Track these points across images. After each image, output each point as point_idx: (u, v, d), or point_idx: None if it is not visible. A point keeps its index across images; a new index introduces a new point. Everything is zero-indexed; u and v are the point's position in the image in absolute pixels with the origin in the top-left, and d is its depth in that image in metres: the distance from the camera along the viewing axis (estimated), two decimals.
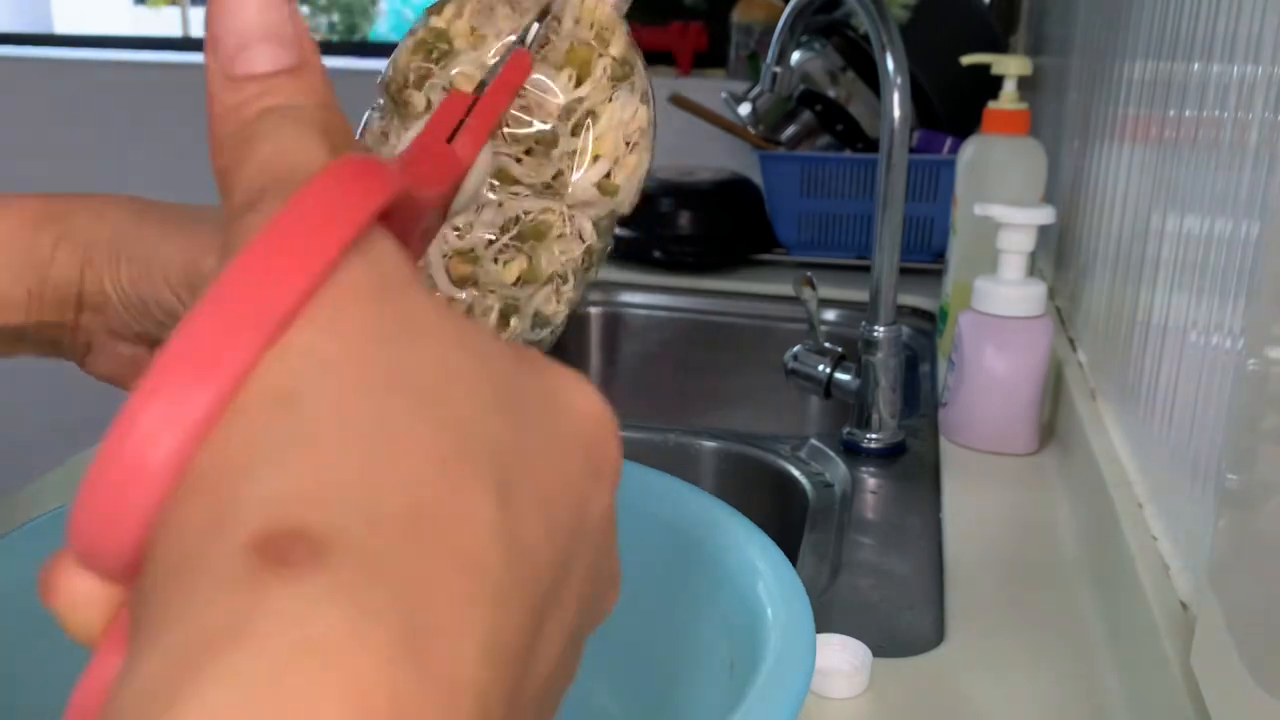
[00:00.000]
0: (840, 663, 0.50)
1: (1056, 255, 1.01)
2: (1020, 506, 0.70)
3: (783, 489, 0.78)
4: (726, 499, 0.44)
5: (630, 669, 0.45)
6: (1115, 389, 0.69)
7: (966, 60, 0.91)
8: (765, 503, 0.78)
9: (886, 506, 0.71)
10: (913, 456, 0.78)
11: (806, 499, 0.74)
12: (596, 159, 0.38)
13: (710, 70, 1.74)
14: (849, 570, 0.62)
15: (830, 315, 1.12)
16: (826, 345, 0.84)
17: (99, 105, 1.94)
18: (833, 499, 0.73)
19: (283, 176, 0.19)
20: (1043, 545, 0.65)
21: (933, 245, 1.21)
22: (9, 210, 0.36)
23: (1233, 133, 0.48)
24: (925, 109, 1.28)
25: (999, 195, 0.84)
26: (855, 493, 0.72)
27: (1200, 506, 0.47)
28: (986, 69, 0.89)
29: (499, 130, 0.36)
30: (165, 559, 0.15)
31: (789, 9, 0.83)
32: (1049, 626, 0.56)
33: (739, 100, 1.39)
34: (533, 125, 0.37)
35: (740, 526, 0.42)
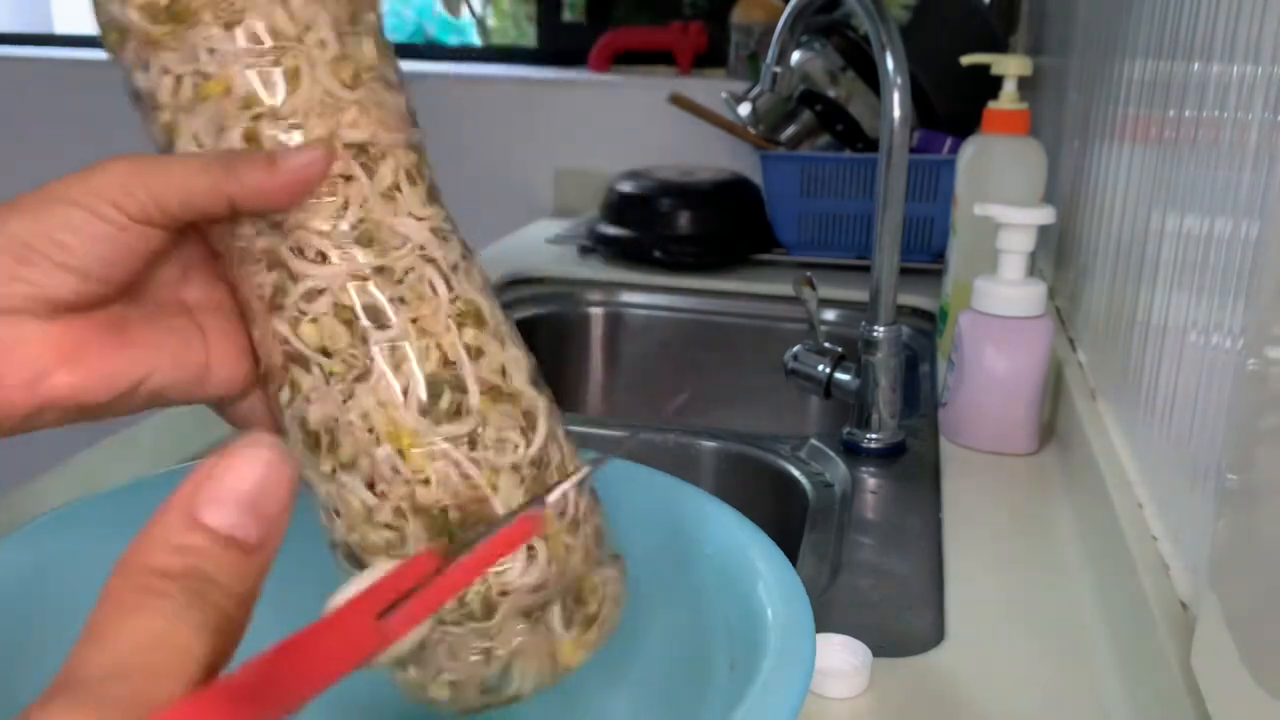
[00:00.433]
0: (840, 663, 0.50)
1: (1056, 255, 1.01)
2: (1020, 506, 0.70)
3: (783, 489, 0.78)
4: (726, 499, 0.44)
5: (631, 668, 0.45)
6: (1115, 389, 0.69)
7: (966, 60, 0.91)
8: (765, 503, 0.78)
9: (886, 506, 0.71)
10: (913, 456, 0.78)
11: (806, 499, 0.74)
12: None
13: (710, 70, 1.74)
14: (849, 570, 0.62)
15: (830, 315, 1.12)
16: (826, 345, 0.84)
17: (99, 105, 1.94)
18: (833, 499, 0.73)
19: (136, 674, 0.19)
20: (1043, 545, 0.65)
21: (933, 245, 1.21)
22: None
23: (1233, 133, 0.48)
24: (925, 109, 1.28)
25: (999, 195, 0.84)
26: (855, 493, 0.72)
27: (1200, 506, 0.47)
28: (986, 69, 0.89)
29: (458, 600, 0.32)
30: None
31: (789, 9, 0.83)
32: (1049, 626, 0.56)
33: (739, 100, 1.39)
34: None
35: (740, 527, 0.42)
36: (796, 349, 0.85)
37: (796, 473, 0.77)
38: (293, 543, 0.34)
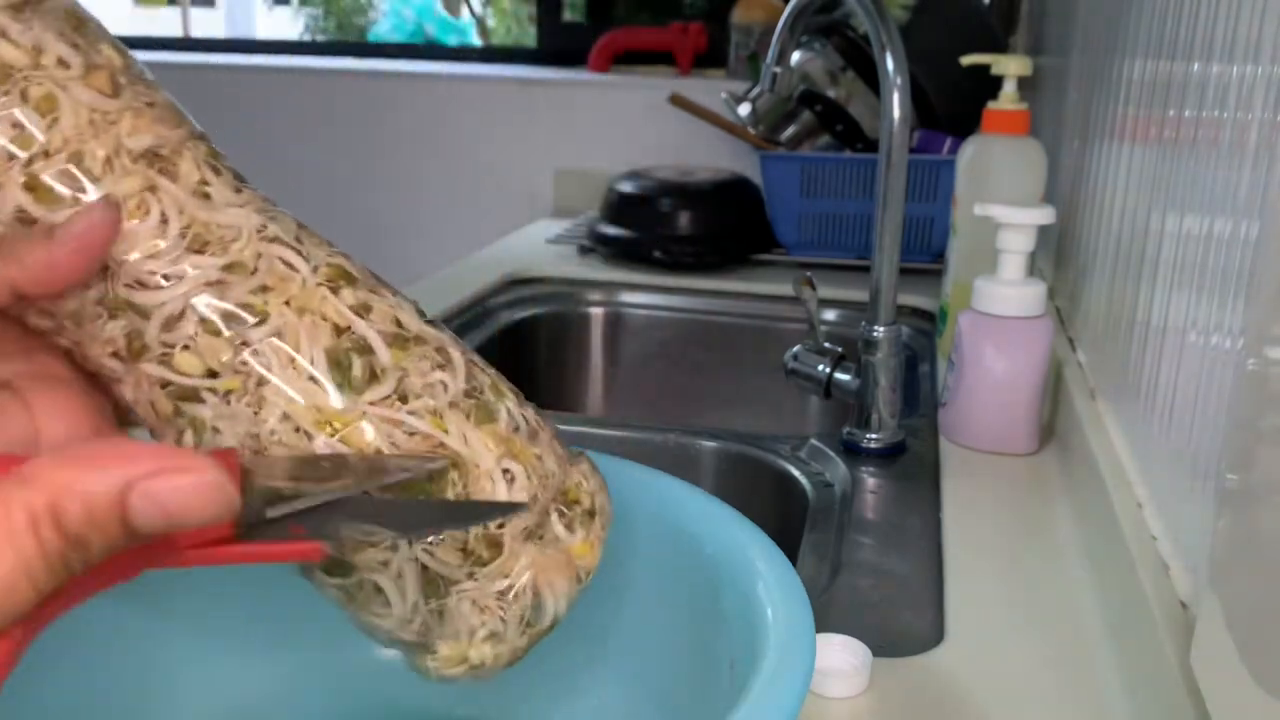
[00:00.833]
0: (840, 663, 0.50)
1: (1056, 255, 1.01)
2: (1020, 506, 0.70)
3: (783, 489, 0.78)
4: (726, 499, 0.44)
5: (632, 667, 0.45)
6: (1115, 389, 0.69)
7: (966, 60, 0.91)
8: (765, 503, 0.78)
9: (886, 506, 0.71)
10: (913, 456, 0.78)
11: (806, 499, 0.74)
12: None
13: (710, 70, 1.75)
14: (849, 570, 0.62)
15: (830, 315, 1.12)
16: (826, 345, 0.84)
17: None
18: (833, 499, 0.73)
19: None
20: (1043, 545, 0.65)
21: (933, 245, 1.21)
22: None
23: (1232, 133, 0.48)
24: (925, 109, 1.28)
25: (999, 195, 0.84)
26: (855, 493, 0.72)
27: (1200, 506, 0.47)
28: (986, 69, 0.89)
29: None
30: None
31: (789, 9, 0.83)
32: (1049, 626, 0.56)
33: (739, 100, 1.39)
34: None
35: (740, 527, 0.42)
36: (796, 349, 0.85)
37: (796, 473, 0.77)
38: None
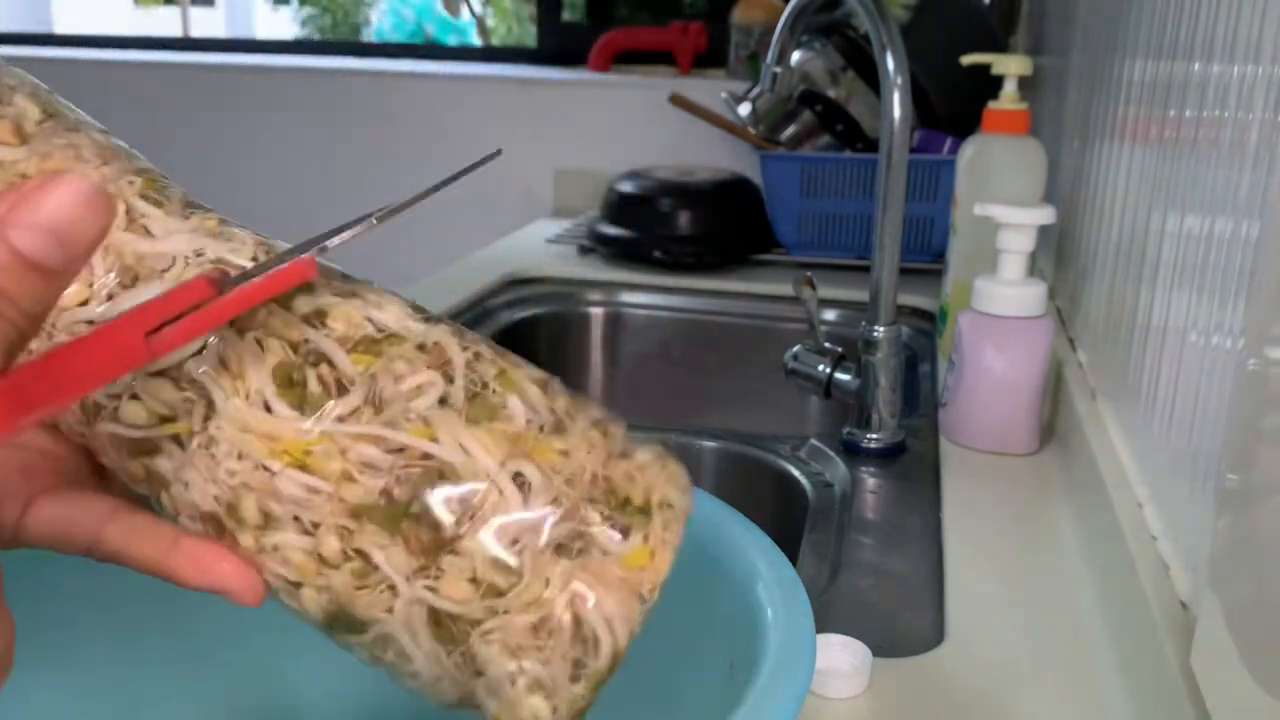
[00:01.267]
0: (840, 663, 0.50)
1: (1057, 255, 1.01)
2: (1020, 506, 0.70)
3: (783, 489, 0.78)
4: (726, 499, 0.44)
5: (630, 667, 0.45)
6: (1115, 389, 0.69)
7: (966, 60, 0.91)
8: (765, 503, 0.78)
9: (886, 506, 0.71)
10: (913, 456, 0.78)
11: (806, 499, 0.74)
12: None
13: (710, 70, 1.75)
14: (849, 570, 0.62)
15: (830, 315, 1.13)
16: (826, 345, 0.84)
17: (98, 105, 1.94)
18: (833, 499, 0.73)
19: None
20: (1043, 545, 0.65)
21: (933, 245, 1.21)
22: None
23: (1233, 133, 0.48)
24: (925, 109, 1.28)
25: (999, 195, 0.84)
26: (855, 493, 0.72)
27: (1200, 506, 0.47)
28: (986, 69, 0.89)
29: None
30: None
31: (789, 9, 0.83)
32: (1049, 626, 0.56)
33: (739, 100, 1.39)
34: None
35: (740, 526, 0.42)
36: (796, 349, 0.85)
37: (796, 473, 0.77)
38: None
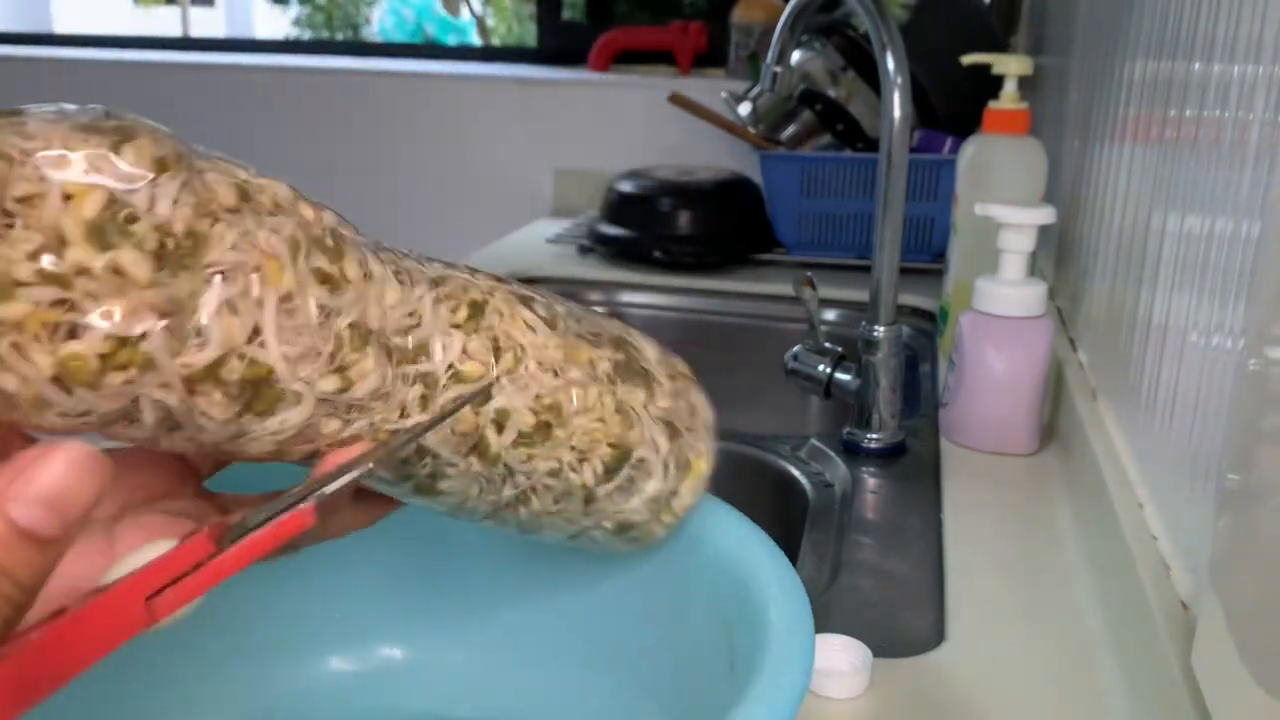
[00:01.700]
0: (840, 663, 0.50)
1: (1057, 255, 1.01)
2: (1020, 506, 0.70)
3: (783, 489, 0.78)
4: (726, 499, 0.44)
5: (631, 667, 0.45)
6: (1116, 389, 0.69)
7: (967, 60, 0.91)
8: (765, 503, 0.78)
9: (887, 506, 0.71)
10: (913, 456, 0.78)
11: (806, 499, 0.74)
12: None
13: (710, 70, 1.74)
14: (849, 570, 0.62)
15: (830, 315, 1.12)
16: (826, 345, 0.84)
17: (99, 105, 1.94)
18: (833, 499, 0.73)
19: None
20: (1043, 545, 0.65)
21: (933, 245, 1.21)
22: None
23: (1233, 132, 0.48)
24: (925, 109, 1.28)
25: (999, 195, 0.84)
26: (855, 493, 0.72)
27: (1201, 506, 0.47)
28: (987, 69, 0.89)
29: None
30: None
31: (789, 9, 0.83)
32: (1049, 626, 0.56)
33: (739, 100, 1.39)
34: None
35: (741, 526, 0.42)
36: (796, 349, 0.85)
37: (796, 473, 0.77)
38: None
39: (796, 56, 1.33)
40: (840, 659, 0.50)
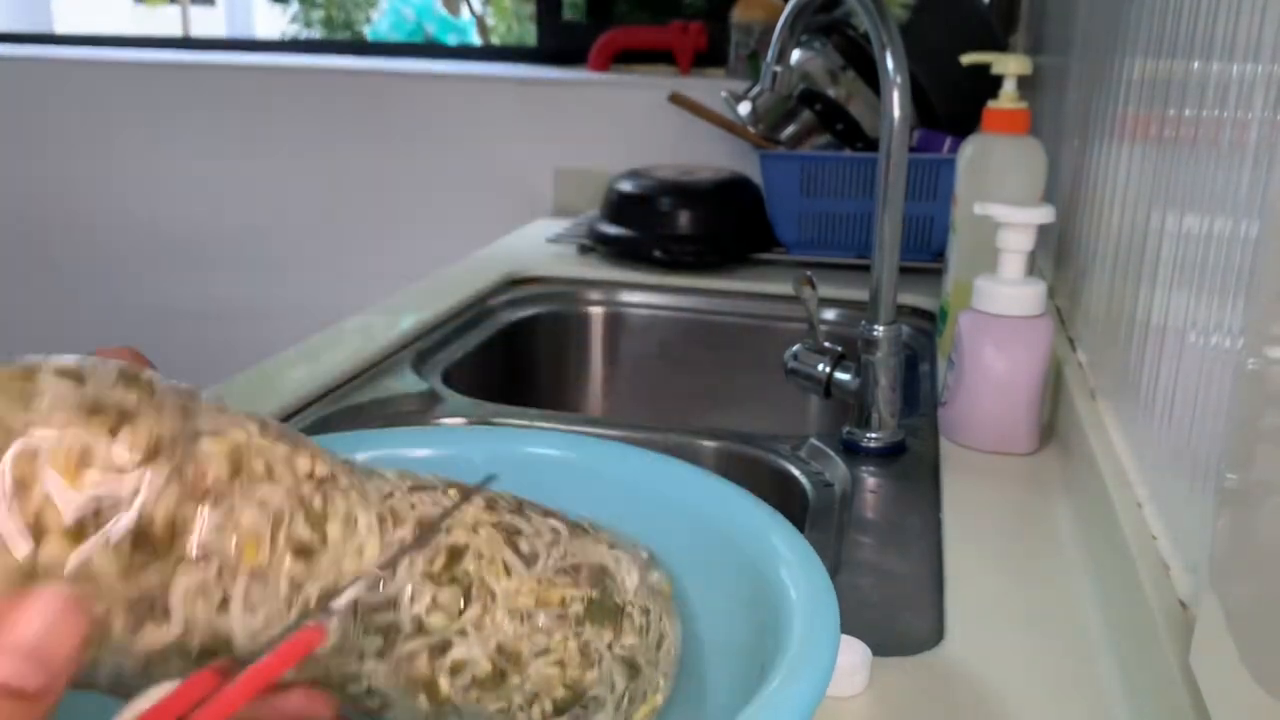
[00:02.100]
0: (840, 661, 0.50)
1: (1056, 254, 1.01)
2: (1019, 506, 0.70)
3: (782, 488, 0.78)
4: None
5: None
6: (1115, 388, 0.69)
7: (966, 59, 0.91)
8: (765, 502, 0.78)
9: (886, 506, 0.71)
10: (912, 456, 0.78)
11: (806, 498, 0.74)
12: None
13: (710, 70, 1.75)
14: (849, 569, 0.62)
15: (830, 315, 1.12)
16: (826, 345, 0.84)
17: (99, 105, 1.94)
18: (832, 498, 0.73)
19: None
20: (1042, 544, 0.65)
21: (932, 244, 1.21)
22: None
23: (1232, 132, 0.48)
24: (925, 108, 1.28)
25: (999, 194, 0.84)
26: (855, 492, 0.72)
27: (1200, 506, 0.47)
28: (986, 68, 0.89)
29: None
30: None
31: (789, 8, 0.83)
32: (1048, 626, 0.56)
33: (739, 99, 1.39)
34: None
35: (779, 533, 0.43)
36: (796, 348, 0.85)
37: (796, 472, 0.77)
38: None
39: (796, 56, 1.33)
40: (840, 658, 0.50)
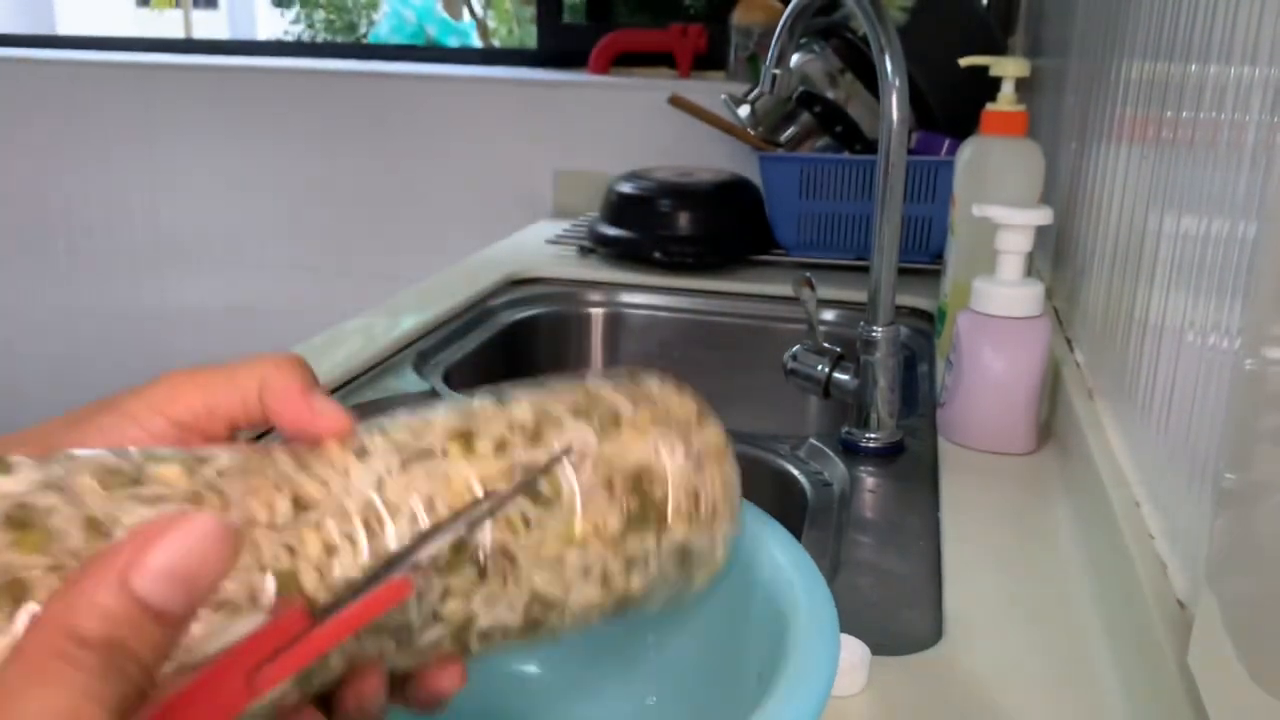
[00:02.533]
0: (839, 661, 0.50)
1: (1054, 256, 1.01)
2: (1018, 506, 0.70)
3: (782, 488, 0.78)
4: None
5: (665, 676, 0.46)
6: (1113, 389, 0.69)
7: (964, 62, 0.91)
8: (765, 502, 0.78)
9: (885, 506, 0.71)
10: (911, 456, 0.78)
11: (805, 498, 0.74)
12: None
13: (710, 72, 1.75)
14: (848, 569, 0.62)
15: (829, 315, 1.13)
16: (825, 345, 0.84)
17: (101, 107, 1.94)
18: (831, 498, 0.73)
19: None
20: (1040, 544, 0.65)
21: (931, 246, 1.22)
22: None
23: (1230, 133, 0.48)
24: (924, 111, 1.28)
25: (997, 196, 0.84)
26: (854, 492, 0.72)
27: (1197, 505, 0.47)
28: (984, 70, 0.89)
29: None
30: None
31: (788, 11, 0.83)
32: (1046, 625, 0.56)
33: (738, 102, 1.40)
34: None
35: (777, 543, 0.43)
36: (796, 349, 0.85)
37: (795, 472, 0.78)
38: None
39: (795, 59, 1.33)
40: (840, 656, 0.50)
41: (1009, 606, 0.58)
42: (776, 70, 0.86)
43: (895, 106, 0.75)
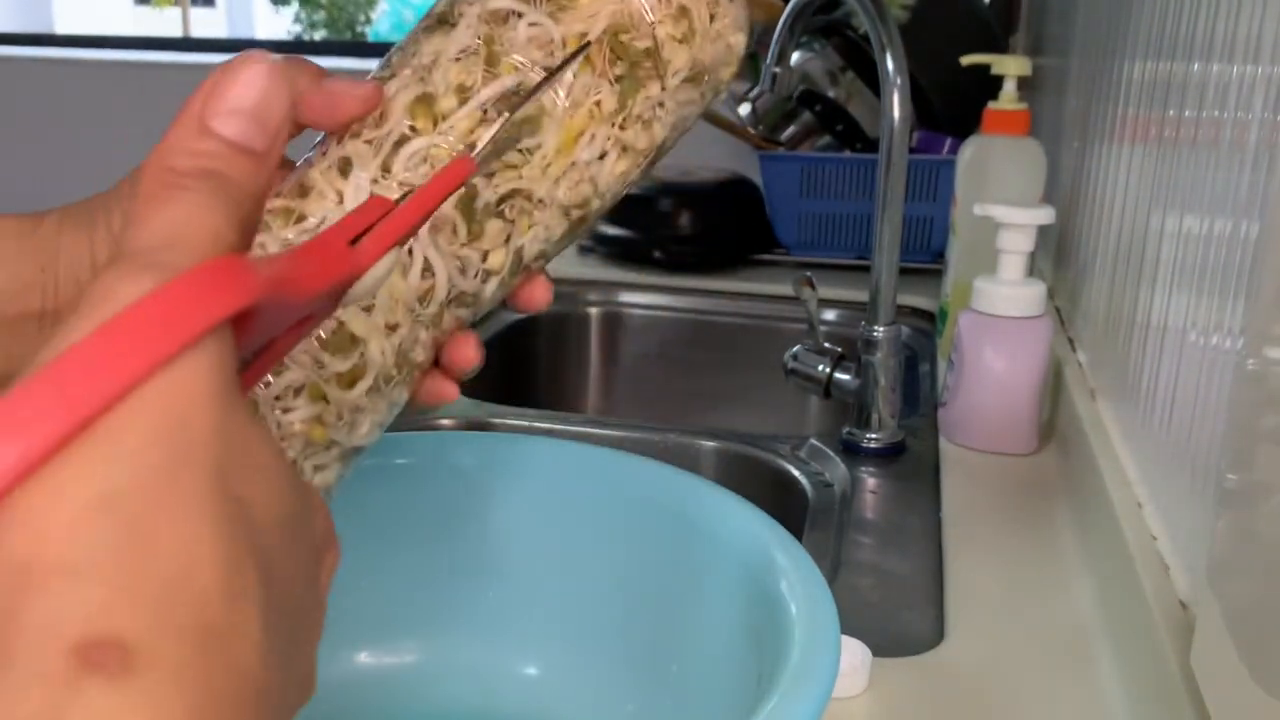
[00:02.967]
0: (840, 662, 0.50)
1: (1056, 255, 1.01)
2: (1019, 506, 0.70)
3: (782, 489, 0.78)
4: None
5: (657, 671, 0.46)
6: (1115, 389, 0.69)
7: (966, 60, 0.91)
8: (765, 503, 0.78)
9: (886, 506, 0.71)
10: (912, 456, 0.78)
11: (806, 499, 0.74)
12: None
13: None
14: (848, 570, 0.62)
15: (830, 315, 1.12)
16: (826, 345, 0.84)
17: (100, 105, 1.94)
18: (832, 499, 0.73)
19: (179, 246, 0.22)
20: (1041, 545, 0.65)
21: (932, 245, 1.21)
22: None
23: (1232, 133, 0.48)
24: (925, 109, 1.28)
25: (998, 195, 0.84)
26: (855, 492, 0.72)
27: (1199, 506, 0.47)
28: (986, 69, 0.89)
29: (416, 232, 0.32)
30: None
31: (789, 9, 0.83)
32: (1048, 626, 0.56)
33: (739, 100, 1.39)
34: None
35: (766, 530, 0.43)
36: (796, 349, 0.85)
37: (796, 472, 0.77)
38: None
39: (796, 57, 1.33)
40: (840, 659, 0.50)
41: (1011, 607, 0.58)
42: (777, 69, 0.86)
43: (896, 105, 0.75)
